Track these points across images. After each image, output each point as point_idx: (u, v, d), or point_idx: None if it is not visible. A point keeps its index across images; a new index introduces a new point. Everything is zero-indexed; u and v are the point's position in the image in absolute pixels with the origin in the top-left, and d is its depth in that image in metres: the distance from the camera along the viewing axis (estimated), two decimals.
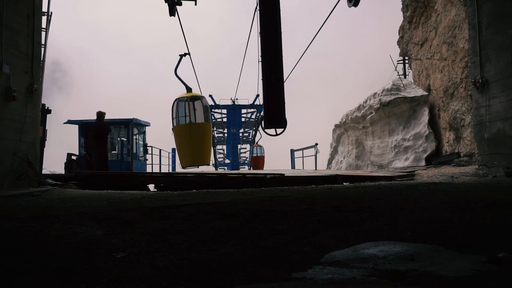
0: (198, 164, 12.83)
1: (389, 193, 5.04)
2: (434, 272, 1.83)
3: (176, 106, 12.49)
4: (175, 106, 12.48)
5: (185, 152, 12.47)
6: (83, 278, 1.89)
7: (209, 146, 13.13)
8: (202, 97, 12.88)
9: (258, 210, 3.80)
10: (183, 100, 12.45)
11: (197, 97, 12.70)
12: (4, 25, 6.69)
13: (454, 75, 12.24)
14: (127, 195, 5.92)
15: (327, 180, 8.59)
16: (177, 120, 12.42)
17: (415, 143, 13.94)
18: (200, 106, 12.46)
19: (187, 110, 12.22)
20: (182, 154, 12.57)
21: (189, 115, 12.12)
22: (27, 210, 4.20)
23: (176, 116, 12.43)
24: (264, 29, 7.27)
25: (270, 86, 7.18)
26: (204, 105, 12.52)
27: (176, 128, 12.55)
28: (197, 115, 12.32)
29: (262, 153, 24.62)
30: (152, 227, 3.13)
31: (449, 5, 12.64)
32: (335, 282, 1.77)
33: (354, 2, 6.79)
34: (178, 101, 12.57)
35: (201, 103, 12.50)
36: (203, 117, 12.43)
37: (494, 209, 3.39)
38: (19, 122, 7.05)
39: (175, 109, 12.43)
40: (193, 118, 12.20)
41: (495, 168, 7.72)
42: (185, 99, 12.35)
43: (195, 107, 12.40)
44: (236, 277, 1.88)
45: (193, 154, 12.37)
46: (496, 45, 7.87)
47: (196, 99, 12.54)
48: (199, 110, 12.38)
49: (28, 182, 7.05)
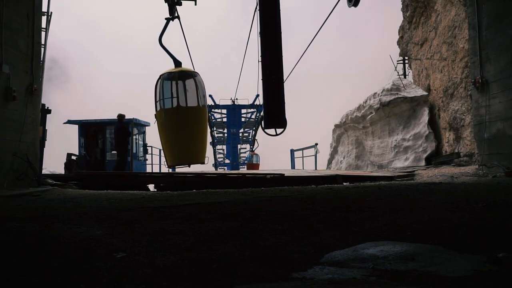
0: (190, 162, 10.09)
1: (389, 193, 5.04)
2: (434, 272, 1.83)
3: (161, 85, 9.69)
4: (159, 85, 9.69)
5: (171, 146, 9.72)
6: (83, 278, 1.89)
7: (203, 139, 10.18)
8: (195, 73, 9.97)
9: (258, 210, 3.80)
10: (170, 76, 9.65)
11: (188, 73, 9.92)
12: (4, 25, 6.69)
13: (454, 75, 12.24)
14: (127, 195, 5.92)
15: (327, 180, 8.59)
16: (161, 103, 9.67)
17: (415, 143, 13.94)
18: (192, 85, 9.69)
19: (174, 89, 9.45)
20: (168, 149, 9.86)
21: (177, 97, 9.39)
22: (27, 210, 4.20)
23: (161, 97, 9.67)
24: (264, 29, 7.27)
25: (270, 86, 7.18)
26: (198, 84, 9.72)
27: (159, 114, 9.74)
28: (189, 97, 9.60)
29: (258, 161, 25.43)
30: (152, 227, 3.13)
31: (449, 5, 12.64)
32: (335, 282, 1.77)
33: (354, 2, 6.80)
34: (163, 79, 9.73)
35: (194, 81, 9.69)
36: (196, 100, 9.63)
37: (494, 209, 3.39)
38: (19, 122, 7.05)
39: (159, 89, 9.66)
40: (183, 101, 9.46)
41: (495, 168, 7.72)
42: (172, 76, 9.60)
43: (185, 86, 9.67)
44: (236, 277, 1.88)
45: (182, 149, 9.58)
46: (496, 45, 7.87)
47: (187, 76, 9.81)
48: (191, 91, 9.66)
49: (28, 182, 7.05)
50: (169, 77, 9.70)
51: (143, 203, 4.68)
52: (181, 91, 9.50)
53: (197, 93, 9.67)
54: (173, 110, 9.49)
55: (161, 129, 9.85)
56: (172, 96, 9.52)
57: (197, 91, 9.68)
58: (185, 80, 9.70)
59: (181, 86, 9.55)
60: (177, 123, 9.53)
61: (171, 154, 9.84)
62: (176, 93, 9.44)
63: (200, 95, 9.72)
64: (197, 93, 9.67)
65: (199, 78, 9.92)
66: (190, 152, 9.72)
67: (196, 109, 9.67)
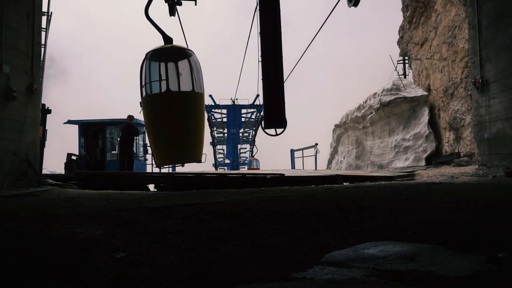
0: (184, 161, 8.53)
1: (389, 193, 5.04)
2: (434, 272, 1.83)
3: (147, 66, 8.04)
4: (145, 67, 8.03)
5: (160, 140, 8.12)
6: (83, 278, 1.89)
7: (200, 131, 8.36)
8: (189, 51, 8.27)
9: (258, 210, 3.80)
10: (158, 56, 8.03)
11: (180, 51, 8.23)
12: (4, 25, 6.69)
13: (454, 75, 12.24)
14: (127, 195, 5.92)
15: (327, 180, 8.59)
16: (148, 88, 8.02)
17: (415, 143, 13.94)
18: (186, 67, 8.05)
19: (163, 71, 7.83)
20: (156, 144, 8.24)
21: (166, 79, 7.75)
22: (27, 210, 4.20)
23: (147, 81, 8.01)
24: (264, 29, 7.27)
25: (270, 86, 7.18)
26: (192, 65, 8.05)
27: (145, 101, 8.05)
28: (182, 81, 8.00)
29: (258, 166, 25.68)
30: (152, 227, 3.13)
31: (449, 5, 12.64)
32: (335, 282, 1.77)
33: (354, 2, 6.80)
34: (150, 59, 8.08)
35: (188, 62, 8.04)
36: (191, 84, 7.97)
37: (494, 209, 3.39)
38: (19, 122, 7.05)
39: (145, 71, 8.03)
40: (175, 84, 7.90)
41: (495, 168, 7.72)
42: (161, 55, 8.02)
43: (178, 68, 8.06)
44: (236, 277, 1.88)
45: (174, 145, 7.99)
46: (496, 45, 7.87)
47: (179, 55, 8.17)
48: (185, 75, 8.06)
49: (28, 182, 7.06)
50: (157, 56, 8.01)
51: (143, 203, 4.68)
52: (172, 73, 7.89)
53: (192, 77, 7.95)
54: (162, 96, 7.78)
55: (147, 119, 8.24)
56: (160, 78, 7.80)
57: (192, 74, 7.95)
58: (178, 61, 8.05)
59: (172, 68, 7.95)
60: (167, 112, 7.82)
61: (160, 151, 8.15)
62: (165, 75, 7.75)
63: (196, 78, 8.02)
64: (192, 76, 7.95)
65: (195, 57, 8.20)
66: (184, 149, 8.02)
67: (190, 95, 7.91)
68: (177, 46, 8.32)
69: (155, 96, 8.01)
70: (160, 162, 8.39)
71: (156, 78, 7.92)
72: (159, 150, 8.23)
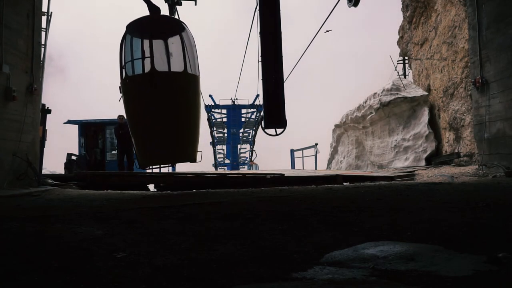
0: (174, 160, 7.13)
1: (389, 193, 5.04)
2: (434, 272, 1.82)
3: (128, 42, 6.56)
4: (126, 42, 6.52)
5: (144, 135, 6.59)
6: (83, 278, 1.89)
7: (194, 124, 6.74)
8: (181, 24, 6.72)
9: (258, 210, 3.80)
10: (142, 29, 6.46)
11: (170, 24, 6.84)
12: (4, 25, 6.69)
13: (454, 75, 12.24)
14: (127, 195, 5.92)
15: (327, 180, 8.59)
16: (129, 69, 6.57)
17: (415, 143, 13.94)
18: (177, 45, 6.53)
19: (147, 47, 6.28)
20: (139, 140, 6.69)
21: (150, 56, 6.19)
22: (27, 210, 4.20)
23: (128, 59, 6.55)
24: (264, 29, 7.27)
25: (270, 86, 7.18)
26: (185, 42, 6.50)
27: (125, 84, 6.53)
28: (171, 60, 6.64)
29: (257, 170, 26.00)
30: (152, 227, 3.14)
31: (449, 5, 12.64)
32: (335, 282, 1.76)
33: (354, 2, 6.81)
34: (131, 33, 6.52)
35: (180, 39, 6.51)
36: (183, 64, 6.42)
37: (494, 209, 3.39)
38: (19, 122, 7.05)
39: (125, 48, 6.52)
40: (162, 63, 6.51)
41: (495, 168, 7.72)
42: (145, 28, 6.44)
43: (168, 46, 6.67)
44: (236, 277, 1.88)
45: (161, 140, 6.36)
46: (496, 45, 7.87)
47: (169, 29, 6.73)
48: (175, 53, 6.60)
49: (28, 182, 7.06)
50: (140, 30, 6.41)
51: (143, 203, 4.68)
52: (160, 50, 6.55)
53: (184, 55, 6.41)
54: (146, 78, 6.23)
55: (127, 108, 6.63)
56: (143, 56, 6.27)
57: (184, 52, 6.42)
58: (167, 38, 6.66)
59: (160, 45, 6.58)
60: (151, 99, 6.26)
61: (144, 149, 6.62)
62: (150, 53, 6.21)
63: (190, 57, 6.51)
64: (184, 54, 6.41)
65: (188, 32, 6.64)
66: (174, 145, 6.48)
67: (182, 77, 6.40)
68: (165, 16, 6.96)
69: (136, 78, 6.45)
70: (144, 163, 6.79)
71: (139, 56, 6.40)
72: (142, 147, 6.66)
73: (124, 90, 6.55)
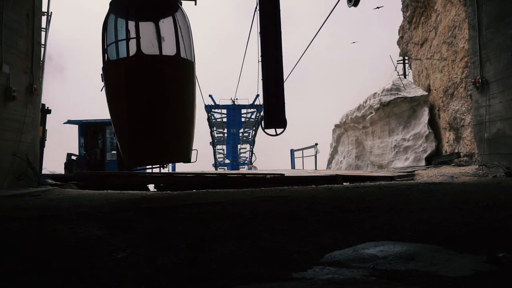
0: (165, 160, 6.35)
1: (389, 193, 5.04)
2: (434, 272, 1.82)
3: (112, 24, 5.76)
4: (110, 24, 5.76)
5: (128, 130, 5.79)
6: (83, 278, 1.89)
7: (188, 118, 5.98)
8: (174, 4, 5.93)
9: (258, 210, 3.80)
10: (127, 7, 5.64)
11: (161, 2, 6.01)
12: (4, 25, 6.69)
13: (454, 75, 12.24)
14: (127, 195, 5.92)
15: (327, 180, 8.59)
16: (112, 52, 5.78)
17: (415, 143, 13.94)
18: (169, 24, 5.75)
19: (133, 27, 5.57)
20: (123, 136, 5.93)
21: (136, 37, 5.46)
22: (27, 210, 4.20)
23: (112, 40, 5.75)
24: (264, 29, 7.28)
25: (270, 86, 7.19)
26: (179, 23, 5.73)
27: (107, 70, 5.79)
28: (164, 44, 5.96)
29: None
30: (152, 227, 3.14)
31: (449, 5, 12.64)
32: (335, 282, 1.76)
33: (354, 2, 6.81)
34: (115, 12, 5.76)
35: (173, 20, 5.70)
36: (175, 46, 5.63)
37: (494, 209, 3.39)
38: (19, 122, 7.05)
39: (109, 29, 5.75)
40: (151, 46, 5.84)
41: (495, 168, 7.72)
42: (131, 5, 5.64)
43: (158, 26, 5.98)
44: (236, 277, 1.88)
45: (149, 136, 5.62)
46: (496, 45, 7.87)
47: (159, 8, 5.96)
48: (166, 35, 5.89)
49: (28, 182, 7.06)
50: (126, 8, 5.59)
51: (143, 203, 4.68)
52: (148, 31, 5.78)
53: (176, 38, 5.61)
54: (131, 62, 5.45)
55: (109, 98, 5.84)
56: (128, 36, 5.49)
57: (177, 34, 5.62)
58: (158, 20, 5.92)
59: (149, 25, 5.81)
60: (137, 87, 5.47)
61: (129, 146, 5.81)
62: (135, 33, 5.42)
63: (185, 40, 5.76)
64: (177, 37, 5.61)
65: (183, 13, 5.89)
66: (164, 143, 5.71)
67: (174, 62, 5.62)
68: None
69: (120, 63, 5.63)
70: (130, 162, 6.03)
71: (123, 37, 5.58)
72: (127, 144, 5.83)
73: (106, 77, 5.75)
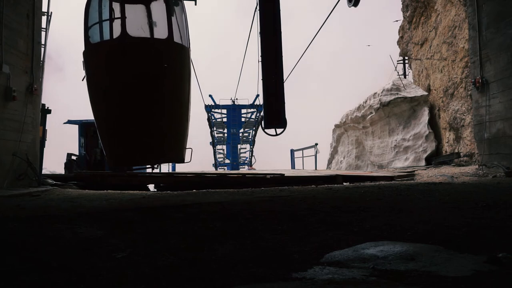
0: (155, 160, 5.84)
1: (389, 193, 5.03)
2: (434, 272, 1.82)
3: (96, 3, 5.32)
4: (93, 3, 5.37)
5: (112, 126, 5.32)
6: (83, 278, 1.89)
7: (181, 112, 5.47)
8: None
9: (258, 210, 3.80)
10: None
11: None
12: (4, 25, 6.69)
13: (454, 75, 12.24)
14: (127, 195, 5.92)
15: (327, 180, 8.59)
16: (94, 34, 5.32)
17: (415, 143, 13.94)
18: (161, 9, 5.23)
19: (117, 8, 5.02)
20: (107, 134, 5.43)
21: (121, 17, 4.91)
22: (27, 210, 4.20)
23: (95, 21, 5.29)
24: (264, 29, 7.28)
25: (270, 86, 7.19)
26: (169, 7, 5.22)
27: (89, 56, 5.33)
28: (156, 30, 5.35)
29: None
30: (152, 227, 3.14)
31: (449, 5, 12.64)
32: (335, 282, 1.76)
33: (354, 2, 6.81)
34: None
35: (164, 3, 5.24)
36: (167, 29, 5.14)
37: (494, 209, 3.38)
38: (19, 122, 7.05)
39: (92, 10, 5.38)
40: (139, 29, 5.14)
41: (495, 168, 7.72)
42: None
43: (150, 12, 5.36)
44: (236, 277, 1.88)
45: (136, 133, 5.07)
46: (496, 45, 7.87)
47: None
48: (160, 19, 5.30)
49: (28, 182, 7.06)
50: None
51: (143, 204, 4.68)
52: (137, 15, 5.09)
53: (169, 21, 5.09)
54: (115, 46, 4.85)
55: (90, 89, 5.30)
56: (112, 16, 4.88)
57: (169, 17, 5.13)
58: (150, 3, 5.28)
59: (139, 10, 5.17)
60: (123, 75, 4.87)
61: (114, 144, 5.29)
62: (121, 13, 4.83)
63: (179, 24, 5.27)
64: (169, 21, 5.10)
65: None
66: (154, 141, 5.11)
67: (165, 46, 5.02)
68: None
69: (103, 47, 4.98)
70: (115, 161, 5.50)
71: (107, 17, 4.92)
72: (111, 141, 5.31)
73: (87, 63, 5.05)
